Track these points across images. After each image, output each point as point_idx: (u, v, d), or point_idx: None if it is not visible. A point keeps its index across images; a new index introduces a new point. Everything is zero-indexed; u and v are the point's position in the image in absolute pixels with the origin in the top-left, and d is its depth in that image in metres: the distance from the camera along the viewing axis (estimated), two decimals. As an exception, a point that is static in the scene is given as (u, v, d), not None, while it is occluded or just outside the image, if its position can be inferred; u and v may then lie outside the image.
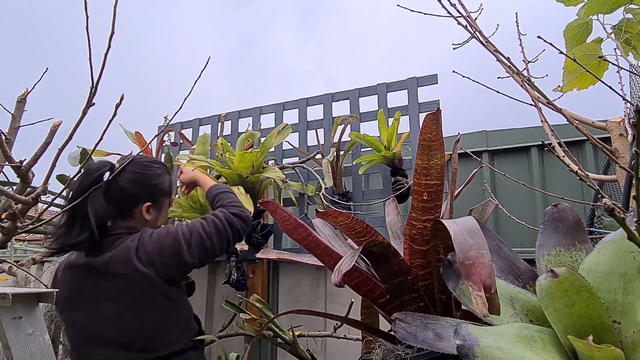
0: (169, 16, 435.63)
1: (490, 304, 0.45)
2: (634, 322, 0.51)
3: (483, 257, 0.48)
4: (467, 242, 0.50)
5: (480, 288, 0.45)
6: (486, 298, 0.45)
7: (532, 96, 0.99)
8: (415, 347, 0.58)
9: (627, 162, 0.98)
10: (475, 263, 0.48)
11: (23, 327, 1.15)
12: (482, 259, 0.48)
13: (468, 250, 0.49)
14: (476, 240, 0.50)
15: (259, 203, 1.15)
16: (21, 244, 3.98)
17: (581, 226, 0.69)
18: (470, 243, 0.50)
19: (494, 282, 0.46)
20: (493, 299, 0.45)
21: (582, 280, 0.52)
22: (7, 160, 0.96)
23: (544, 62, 1.07)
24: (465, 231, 0.52)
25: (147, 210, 1.05)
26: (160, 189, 1.09)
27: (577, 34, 1.21)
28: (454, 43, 1.14)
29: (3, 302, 1.11)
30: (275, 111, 1.89)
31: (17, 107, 1.10)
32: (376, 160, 1.56)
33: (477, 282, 0.46)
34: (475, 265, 0.47)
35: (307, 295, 1.74)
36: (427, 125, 0.64)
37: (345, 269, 0.55)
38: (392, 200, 1.04)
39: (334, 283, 0.54)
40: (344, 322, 0.83)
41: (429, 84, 1.61)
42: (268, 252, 1.01)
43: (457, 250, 0.49)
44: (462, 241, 0.50)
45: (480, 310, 0.44)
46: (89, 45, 0.72)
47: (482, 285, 0.46)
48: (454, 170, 0.79)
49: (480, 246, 0.49)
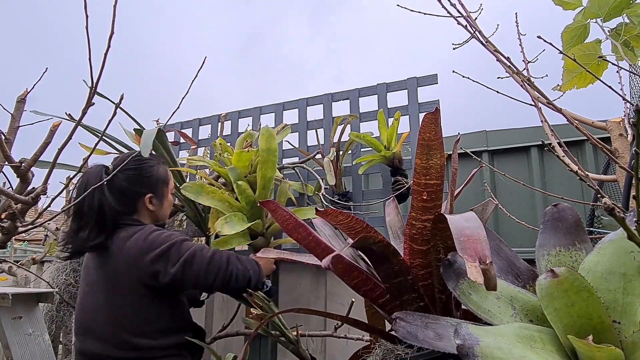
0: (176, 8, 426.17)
1: (485, 276, 0.45)
2: (633, 322, 0.51)
3: (478, 235, 0.49)
4: (463, 225, 0.52)
5: (475, 259, 0.46)
6: (482, 270, 0.45)
7: (532, 96, 0.99)
8: (415, 347, 0.58)
9: (626, 162, 0.98)
10: (470, 239, 0.49)
11: (23, 327, 1.15)
12: (477, 236, 0.49)
13: (463, 229, 0.51)
14: (472, 223, 0.52)
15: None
16: (21, 244, 3.99)
17: (581, 226, 0.69)
18: (465, 225, 0.52)
19: (488, 254, 0.46)
20: (488, 270, 0.45)
21: (582, 280, 0.52)
22: (7, 160, 0.96)
23: (543, 62, 1.07)
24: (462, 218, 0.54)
25: (149, 201, 1.11)
26: (157, 178, 1.14)
27: (575, 36, 1.21)
28: (453, 43, 1.14)
29: (3, 302, 1.10)
30: (275, 111, 1.89)
31: (16, 107, 1.10)
32: (376, 160, 1.56)
33: (472, 254, 0.46)
34: (470, 240, 0.48)
35: (307, 295, 1.74)
36: (426, 125, 0.64)
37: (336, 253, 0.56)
38: (392, 200, 1.04)
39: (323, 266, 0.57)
40: (345, 322, 0.83)
41: (429, 84, 1.61)
42: (268, 252, 1.01)
43: (453, 231, 0.50)
44: (458, 224, 0.52)
45: (475, 278, 0.43)
46: (89, 44, 0.72)
47: (476, 257, 0.46)
48: (453, 170, 0.79)
49: (476, 227, 0.51)
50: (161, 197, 1.15)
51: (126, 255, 0.99)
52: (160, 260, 0.97)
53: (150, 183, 1.12)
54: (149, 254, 0.97)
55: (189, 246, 1.01)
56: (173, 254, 0.98)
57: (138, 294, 0.99)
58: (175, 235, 1.03)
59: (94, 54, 0.72)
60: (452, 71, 1.12)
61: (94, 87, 0.77)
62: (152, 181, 1.13)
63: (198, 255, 0.99)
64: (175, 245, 0.99)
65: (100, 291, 1.02)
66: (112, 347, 0.98)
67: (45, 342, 1.19)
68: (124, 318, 0.99)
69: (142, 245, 0.99)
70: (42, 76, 1.01)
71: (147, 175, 1.12)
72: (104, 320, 1.00)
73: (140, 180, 1.10)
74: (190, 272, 0.98)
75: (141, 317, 0.99)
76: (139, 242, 1.00)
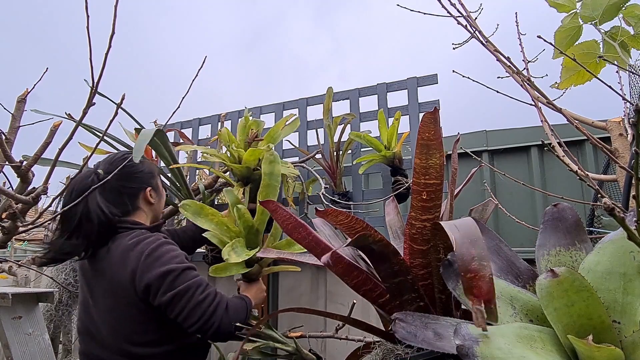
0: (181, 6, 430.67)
1: (489, 314, 0.45)
2: (633, 322, 0.51)
3: (484, 269, 0.47)
4: (469, 253, 0.49)
5: (480, 302, 0.46)
6: (486, 310, 0.45)
7: (532, 96, 0.99)
8: (415, 347, 0.58)
9: (626, 161, 0.98)
10: (476, 276, 0.47)
11: (23, 327, 1.15)
12: (484, 272, 0.47)
13: (470, 262, 0.48)
14: (478, 250, 0.49)
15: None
16: (21, 244, 3.99)
17: (581, 226, 0.69)
18: (472, 254, 0.49)
19: (493, 296, 0.46)
20: (492, 311, 0.46)
21: (582, 280, 0.52)
22: (7, 160, 0.96)
23: (543, 62, 1.07)
24: (467, 239, 0.51)
25: (150, 194, 1.11)
26: (149, 171, 1.14)
27: (568, 36, 1.21)
28: (453, 42, 1.14)
29: (3, 302, 1.10)
30: (275, 111, 1.89)
31: (17, 107, 1.10)
32: (376, 160, 1.56)
33: (478, 296, 0.46)
34: (477, 279, 0.47)
35: (307, 295, 1.74)
36: (425, 125, 0.64)
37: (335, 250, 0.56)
38: (392, 200, 1.04)
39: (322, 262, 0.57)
40: (345, 322, 0.83)
41: (429, 83, 1.61)
42: (268, 252, 1.01)
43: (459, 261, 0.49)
44: (464, 252, 0.49)
45: (479, 325, 0.44)
46: (90, 44, 0.72)
47: (482, 300, 0.46)
48: (453, 170, 0.79)
49: (482, 257, 0.49)
50: (158, 188, 1.16)
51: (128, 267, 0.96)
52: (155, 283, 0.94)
53: (145, 177, 1.12)
54: (147, 274, 0.94)
55: (187, 279, 0.97)
56: (168, 282, 0.94)
57: (136, 308, 0.97)
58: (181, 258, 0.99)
59: (97, 53, 0.72)
60: (452, 71, 1.13)
61: (94, 87, 0.77)
62: (146, 174, 1.13)
63: (190, 294, 0.95)
64: (174, 273, 0.95)
65: (101, 297, 1.01)
66: (113, 354, 0.98)
67: (45, 342, 1.19)
68: (124, 329, 0.98)
69: (144, 261, 0.96)
70: (42, 76, 1.01)
71: (139, 169, 1.11)
72: (104, 328, 0.99)
73: (135, 175, 1.10)
74: (175, 308, 0.95)
75: (141, 328, 0.99)
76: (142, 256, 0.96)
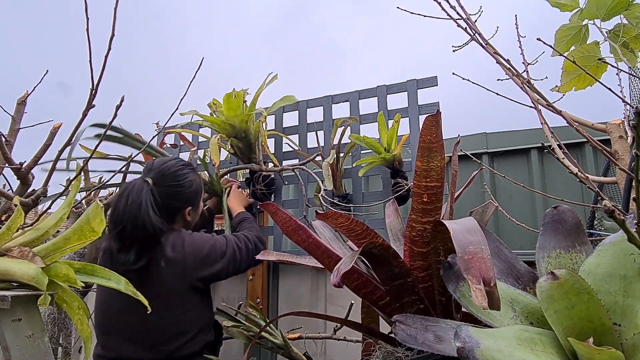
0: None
1: (490, 297, 0.44)
2: (634, 325, 0.51)
3: (482, 252, 0.48)
4: (466, 239, 0.51)
5: (479, 281, 0.45)
6: (486, 292, 0.44)
7: (532, 98, 0.99)
8: (415, 350, 0.58)
9: (626, 164, 0.98)
10: (474, 257, 0.48)
11: (22, 330, 1.15)
12: (481, 254, 0.48)
13: (467, 245, 0.49)
14: (475, 237, 0.51)
15: (260, 205, 1.15)
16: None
17: (581, 228, 0.69)
18: (469, 239, 0.50)
19: (493, 275, 0.46)
20: (493, 292, 0.45)
21: (583, 282, 0.52)
22: (7, 162, 0.96)
23: (543, 65, 1.07)
24: (464, 229, 0.53)
25: (188, 213, 1.13)
26: (196, 192, 1.15)
27: (568, 35, 1.20)
28: (453, 45, 1.14)
29: (2, 304, 1.10)
30: (275, 114, 1.89)
31: (17, 109, 1.10)
32: (376, 162, 1.56)
33: (477, 275, 0.46)
34: (475, 260, 0.47)
35: (306, 297, 1.74)
36: (427, 128, 0.64)
37: (344, 269, 0.55)
38: (392, 202, 1.04)
39: (332, 283, 0.55)
40: (344, 324, 0.83)
41: (429, 86, 1.61)
42: (268, 254, 1.01)
43: (456, 246, 0.49)
44: (461, 238, 0.51)
45: (480, 303, 0.43)
46: (89, 46, 0.72)
47: (481, 278, 0.45)
48: (453, 172, 0.79)
49: (480, 242, 0.50)
50: (197, 207, 1.17)
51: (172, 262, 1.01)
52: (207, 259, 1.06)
53: (191, 197, 1.12)
54: (198, 255, 1.05)
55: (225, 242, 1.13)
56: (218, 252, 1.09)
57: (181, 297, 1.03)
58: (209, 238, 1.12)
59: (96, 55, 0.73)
60: (452, 73, 1.13)
61: (94, 89, 0.78)
62: (192, 195, 1.13)
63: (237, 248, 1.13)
64: (219, 243, 1.10)
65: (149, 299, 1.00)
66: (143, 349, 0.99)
67: (45, 344, 1.19)
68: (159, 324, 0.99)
69: (190, 250, 1.05)
70: (42, 78, 1.02)
71: (188, 189, 1.11)
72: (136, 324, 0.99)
73: (182, 195, 1.10)
74: (235, 266, 1.11)
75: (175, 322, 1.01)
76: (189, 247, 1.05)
